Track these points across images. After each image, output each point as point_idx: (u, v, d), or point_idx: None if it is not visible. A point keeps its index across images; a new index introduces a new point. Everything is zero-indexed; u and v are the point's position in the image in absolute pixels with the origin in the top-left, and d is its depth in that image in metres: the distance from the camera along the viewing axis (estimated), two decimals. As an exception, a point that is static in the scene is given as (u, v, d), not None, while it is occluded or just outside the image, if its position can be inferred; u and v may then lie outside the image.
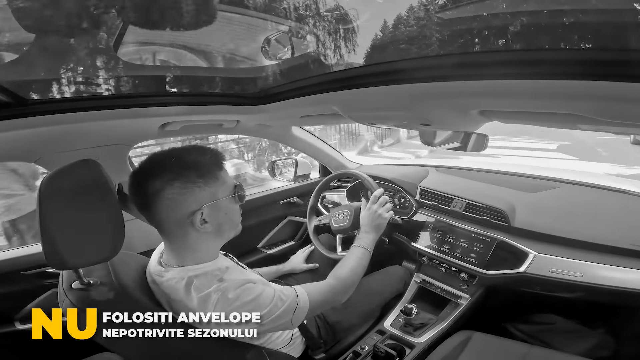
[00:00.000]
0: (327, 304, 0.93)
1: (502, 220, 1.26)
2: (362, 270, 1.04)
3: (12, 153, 1.10)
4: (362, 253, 1.07)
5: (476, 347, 1.05)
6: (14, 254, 1.23)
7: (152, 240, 0.85)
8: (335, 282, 0.95)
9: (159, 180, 0.73)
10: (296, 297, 0.83)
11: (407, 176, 1.64)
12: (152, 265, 0.85)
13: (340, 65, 1.00)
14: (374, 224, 1.17)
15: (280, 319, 0.79)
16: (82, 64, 0.97)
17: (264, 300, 0.77)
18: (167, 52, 1.07)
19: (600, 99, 0.50)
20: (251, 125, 1.52)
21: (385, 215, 1.19)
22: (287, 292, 0.83)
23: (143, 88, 1.13)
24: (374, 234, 1.15)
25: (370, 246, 1.11)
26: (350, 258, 1.04)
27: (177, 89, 1.16)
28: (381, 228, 1.17)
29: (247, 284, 0.78)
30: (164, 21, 0.92)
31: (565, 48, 0.55)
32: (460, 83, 0.63)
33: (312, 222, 1.51)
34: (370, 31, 0.89)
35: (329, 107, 1.01)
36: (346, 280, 0.97)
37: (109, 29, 0.87)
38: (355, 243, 1.12)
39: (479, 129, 0.97)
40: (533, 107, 0.66)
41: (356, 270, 1.01)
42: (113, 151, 1.22)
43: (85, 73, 0.96)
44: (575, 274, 1.06)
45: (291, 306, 0.81)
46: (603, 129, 0.75)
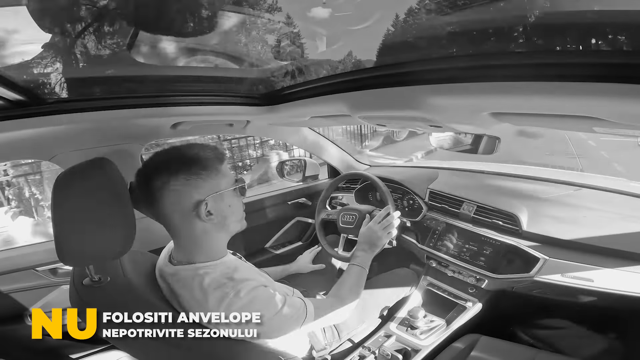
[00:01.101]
0: (327, 322, 0.98)
1: (513, 224, 1.24)
2: (360, 289, 1.08)
3: (28, 150, 1.12)
4: (359, 271, 1.10)
5: (483, 351, 1.04)
6: (26, 250, 1.26)
7: (163, 238, 0.86)
8: (336, 302, 1.00)
9: (163, 173, 0.76)
10: (304, 308, 0.87)
11: (416, 178, 1.62)
12: (162, 263, 0.86)
13: (350, 66, 1.00)
14: (369, 242, 1.17)
15: (286, 328, 0.84)
16: (96, 64, 0.99)
17: (274, 307, 0.81)
18: (180, 53, 1.09)
19: (617, 102, 0.49)
20: (261, 126, 1.52)
21: (383, 236, 1.18)
22: (297, 304, 0.86)
23: (156, 88, 1.14)
24: (370, 252, 1.16)
25: (367, 264, 1.13)
26: (347, 278, 1.08)
27: (189, 89, 1.18)
28: (377, 247, 1.17)
29: (259, 288, 0.80)
30: (176, 23, 0.93)
31: (581, 49, 0.54)
32: (471, 84, 0.63)
33: (320, 214, 1.52)
34: (381, 32, 0.89)
35: (339, 108, 1.02)
36: (345, 299, 1.01)
37: (124, 30, 0.89)
38: (352, 261, 1.13)
39: (490, 131, 0.96)
40: (547, 109, 0.65)
41: (354, 289, 1.06)
42: (126, 150, 1.23)
43: (100, 72, 0.98)
44: (586, 279, 1.04)
45: (298, 316, 0.85)
46: (618, 131, 0.73)
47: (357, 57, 0.99)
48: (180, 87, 1.13)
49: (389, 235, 1.20)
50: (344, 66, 1.06)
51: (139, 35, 0.90)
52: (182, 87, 1.14)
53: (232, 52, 1.17)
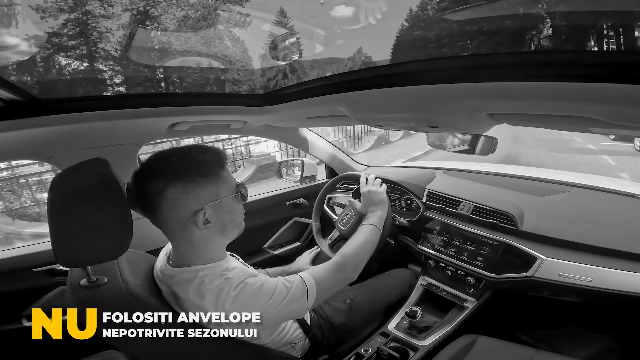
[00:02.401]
0: (336, 283, 0.91)
1: (510, 224, 1.25)
2: (372, 246, 1.02)
3: (24, 151, 1.12)
4: (370, 229, 1.07)
5: (481, 351, 1.04)
6: (24, 251, 1.25)
7: (160, 239, 0.85)
8: (341, 260, 0.93)
9: (160, 180, 0.73)
10: (302, 282, 0.83)
11: (414, 178, 1.63)
12: (160, 264, 0.86)
13: (349, 66, 1.00)
14: (375, 200, 1.18)
15: (290, 306, 0.79)
16: (93, 65, 0.99)
17: (267, 289, 0.78)
18: (176, 54, 1.09)
19: (614, 102, 0.49)
20: (258, 126, 1.52)
21: (380, 189, 1.21)
22: (291, 279, 0.82)
23: (153, 88, 1.14)
24: (380, 210, 1.15)
25: (379, 223, 1.11)
26: (358, 235, 1.04)
27: (186, 89, 1.17)
28: (384, 202, 1.19)
29: (249, 277, 0.79)
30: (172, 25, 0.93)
31: (577, 50, 0.55)
32: (469, 85, 0.63)
33: (317, 223, 1.51)
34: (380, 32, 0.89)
35: (336, 108, 1.01)
36: (353, 256, 0.95)
37: (120, 31, 0.88)
38: (363, 222, 1.12)
39: (487, 131, 0.96)
40: (544, 109, 0.65)
41: (364, 245, 1.00)
42: (123, 150, 1.23)
43: (97, 73, 0.98)
44: (584, 278, 1.05)
45: (298, 292, 0.81)
46: (615, 132, 0.74)
47: (367, 54, 0.99)
48: (178, 87, 1.13)
49: (383, 187, 1.23)
50: (352, 63, 1.06)
51: (135, 35, 0.90)
52: (179, 87, 1.14)
53: (230, 52, 1.17)
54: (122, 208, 0.75)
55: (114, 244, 0.73)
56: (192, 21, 2.17)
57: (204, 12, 2.10)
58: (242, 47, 1.04)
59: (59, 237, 0.69)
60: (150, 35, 0.90)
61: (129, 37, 0.82)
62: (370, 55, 0.84)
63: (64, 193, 0.70)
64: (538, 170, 1.73)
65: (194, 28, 2.00)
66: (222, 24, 0.95)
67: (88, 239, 0.71)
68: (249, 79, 1.10)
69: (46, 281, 1.22)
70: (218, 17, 1.68)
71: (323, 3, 1.00)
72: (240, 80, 1.11)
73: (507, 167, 1.77)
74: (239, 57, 1.07)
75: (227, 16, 1.42)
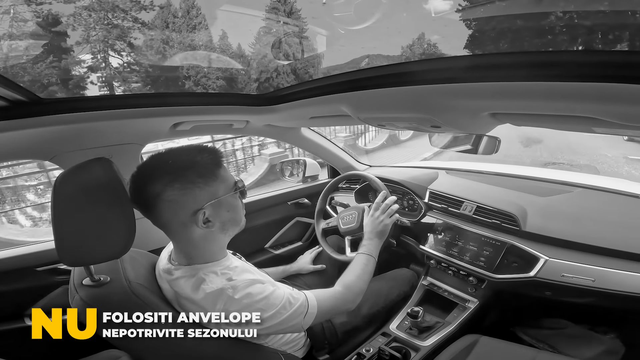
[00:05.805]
0: (336, 311, 0.94)
1: (512, 224, 1.24)
2: (369, 277, 1.05)
3: (28, 151, 1.12)
4: (367, 260, 1.08)
5: (482, 351, 1.04)
6: (27, 250, 1.25)
7: (162, 238, 0.86)
8: (343, 290, 0.96)
9: (158, 182, 0.73)
10: (305, 301, 0.84)
11: (416, 178, 1.63)
12: (162, 263, 0.86)
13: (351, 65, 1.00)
14: (376, 230, 1.17)
15: (289, 322, 0.80)
16: (96, 64, 0.99)
17: (273, 301, 0.78)
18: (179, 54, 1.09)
19: (618, 102, 0.49)
20: (261, 126, 1.52)
21: (387, 221, 1.18)
22: (296, 296, 0.83)
23: (155, 88, 1.14)
24: (377, 240, 1.15)
25: (375, 252, 1.12)
26: (355, 266, 1.05)
27: (189, 89, 1.18)
28: (384, 234, 1.18)
29: (257, 284, 0.79)
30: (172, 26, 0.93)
31: (581, 50, 0.54)
32: (471, 85, 0.63)
33: (320, 224, 1.51)
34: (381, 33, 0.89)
35: (339, 108, 1.01)
36: (353, 287, 0.98)
37: (123, 32, 0.89)
38: (359, 250, 1.13)
39: (490, 131, 0.96)
40: (547, 109, 0.65)
41: (362, 277, 1.03)
42: (126, 150, 1.23)
43: (99, 73, 0.98)
44: (586, 279, 1.04)
45: (300, 310, 0.82)
46: (618, 132, 0.73)
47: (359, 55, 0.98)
48: (180, 86, 1.14)
49: (392, 218, 1.20)
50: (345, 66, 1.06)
51: (138, 37, 0.90)
52: (181, 87, 1.14)
53: (233, 52, 1.17)
54: (125, 208, 0.75)
55: (117, 243, 0.73)
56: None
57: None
58: (247, 46, 1.03)
59: (62, 237, 0.69)
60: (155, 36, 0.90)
61: (132, 38, 0.82)
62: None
63: (67, 193, 0.70)
64: (541, 170, 1.73)
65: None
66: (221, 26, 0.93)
67: (91, 238, 0.71)
68: (252, 78, 1.09)
69: (49, 280, 1.23)
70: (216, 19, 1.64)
71: (325, 3, 1.00)
72: (243, 79, 1.10)
73: (509, 167, 1.76)
74: (244, 57, 1.06)
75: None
